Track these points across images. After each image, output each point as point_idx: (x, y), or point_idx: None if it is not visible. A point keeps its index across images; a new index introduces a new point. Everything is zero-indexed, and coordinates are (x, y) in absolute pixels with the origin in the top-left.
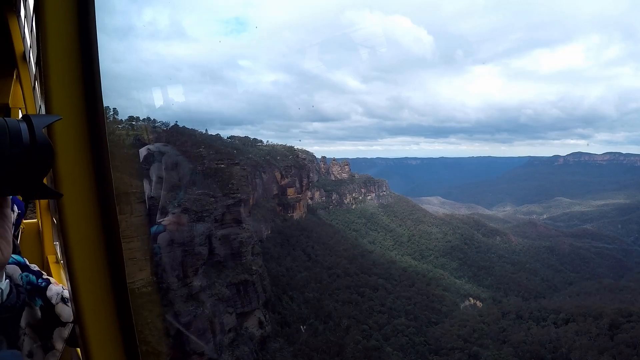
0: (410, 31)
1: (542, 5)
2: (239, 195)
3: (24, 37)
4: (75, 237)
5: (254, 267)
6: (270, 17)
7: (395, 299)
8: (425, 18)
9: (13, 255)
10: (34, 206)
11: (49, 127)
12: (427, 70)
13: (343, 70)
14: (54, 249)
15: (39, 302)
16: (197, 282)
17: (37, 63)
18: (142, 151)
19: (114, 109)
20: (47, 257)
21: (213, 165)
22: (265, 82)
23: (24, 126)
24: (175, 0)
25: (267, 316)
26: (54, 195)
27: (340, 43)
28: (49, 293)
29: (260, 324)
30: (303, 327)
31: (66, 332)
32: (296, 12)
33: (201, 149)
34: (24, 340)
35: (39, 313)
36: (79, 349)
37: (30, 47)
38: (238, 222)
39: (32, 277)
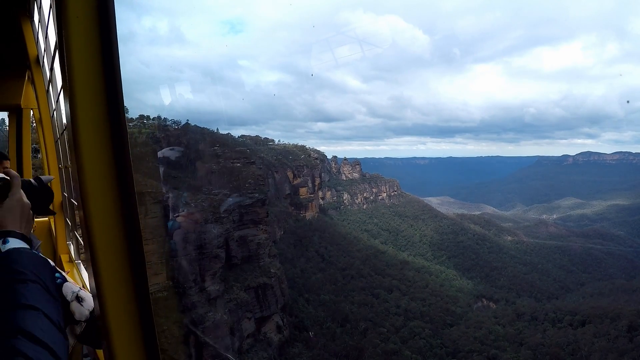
0: (404, 30)
1: (541, 1)
2: (256, 195)
3: (37, 41)
4: (100, 234)
5: (272, 270)
6: (266, 17)
7: (410, 300)
8: (419, 17)
9: None
10: None
11: (74, 127)
12: (426, 69)
13: (342, 69)
14: (66, 248)
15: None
16: (215, 287)
17: (61, 67)
18: (160, 152)
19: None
20: (60, 257)
21: (229, 164)
22: (267, 83)
23: (30, 182)
24: (172, 5)
25: (284, 320)
26: (51, 213)
27: (337, 42)
28: (64, 290)
29: (279, 328)
30: (311, 333)
31: (78, 329)
32: (291, 12)
33: (216, 148)
34: None
35: None
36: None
37: (44, 51)
38: (255, 222)
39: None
